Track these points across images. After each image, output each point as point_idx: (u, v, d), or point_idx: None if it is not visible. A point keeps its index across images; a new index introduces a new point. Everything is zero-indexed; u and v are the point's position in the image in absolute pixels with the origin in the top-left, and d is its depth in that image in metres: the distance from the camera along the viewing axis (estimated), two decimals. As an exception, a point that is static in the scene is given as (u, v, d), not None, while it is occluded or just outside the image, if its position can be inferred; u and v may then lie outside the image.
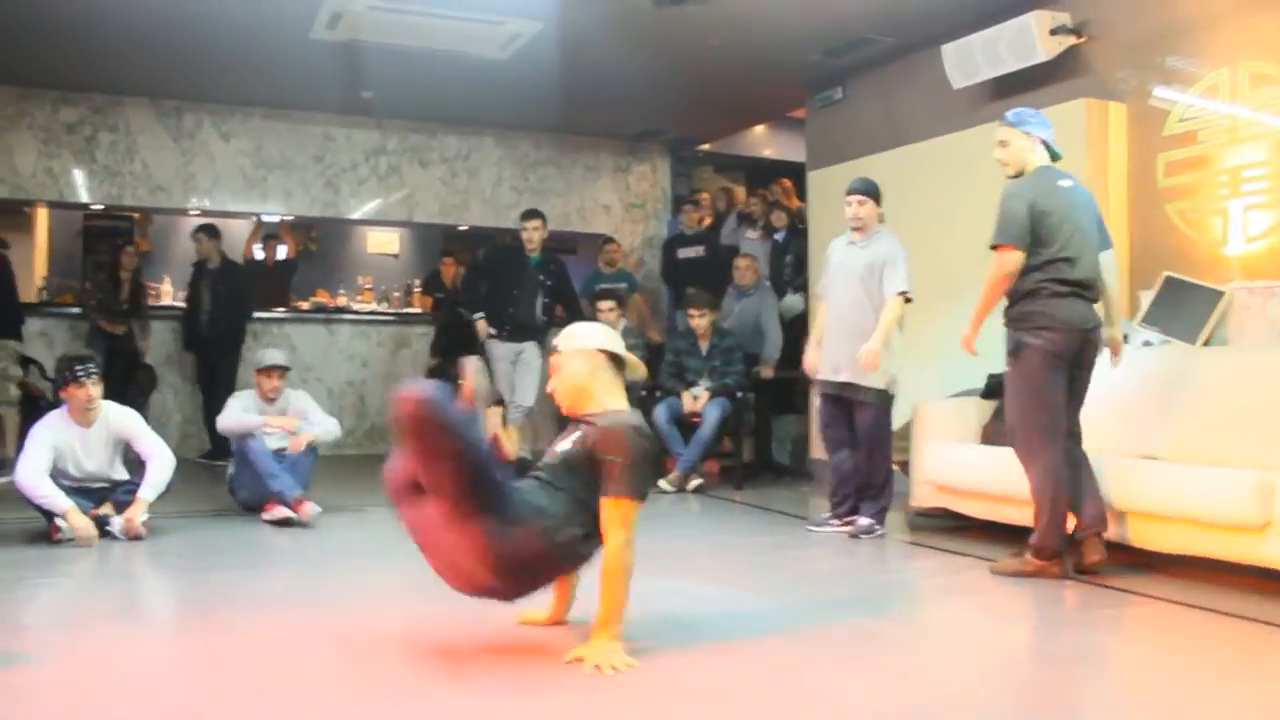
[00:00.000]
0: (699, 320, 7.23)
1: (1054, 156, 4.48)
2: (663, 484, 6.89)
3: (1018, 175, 4.45)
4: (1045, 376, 4.28)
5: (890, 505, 5.46)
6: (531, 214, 7.66)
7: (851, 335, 5.31)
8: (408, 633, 3.42)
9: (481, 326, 7.65)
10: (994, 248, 4.33)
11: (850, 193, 5.44)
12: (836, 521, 5.51)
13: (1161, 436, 4.70)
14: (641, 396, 7.38)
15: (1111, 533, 4.47)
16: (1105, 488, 4.44)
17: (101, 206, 9.18)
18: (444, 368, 9.18)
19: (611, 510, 3.01)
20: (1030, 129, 4.42)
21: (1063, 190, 4.38)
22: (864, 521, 5.36)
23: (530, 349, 7.62)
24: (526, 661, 3.06)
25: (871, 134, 7.55)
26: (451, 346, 9.05)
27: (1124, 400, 4.94)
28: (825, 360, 5.48)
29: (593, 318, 7.82)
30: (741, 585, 4.21)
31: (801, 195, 8.70)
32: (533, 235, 7.58)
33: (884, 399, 5.37)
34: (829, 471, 5.63)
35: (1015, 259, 4.26)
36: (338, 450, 7.45)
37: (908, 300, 5.28)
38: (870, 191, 5.42)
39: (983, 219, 5.92)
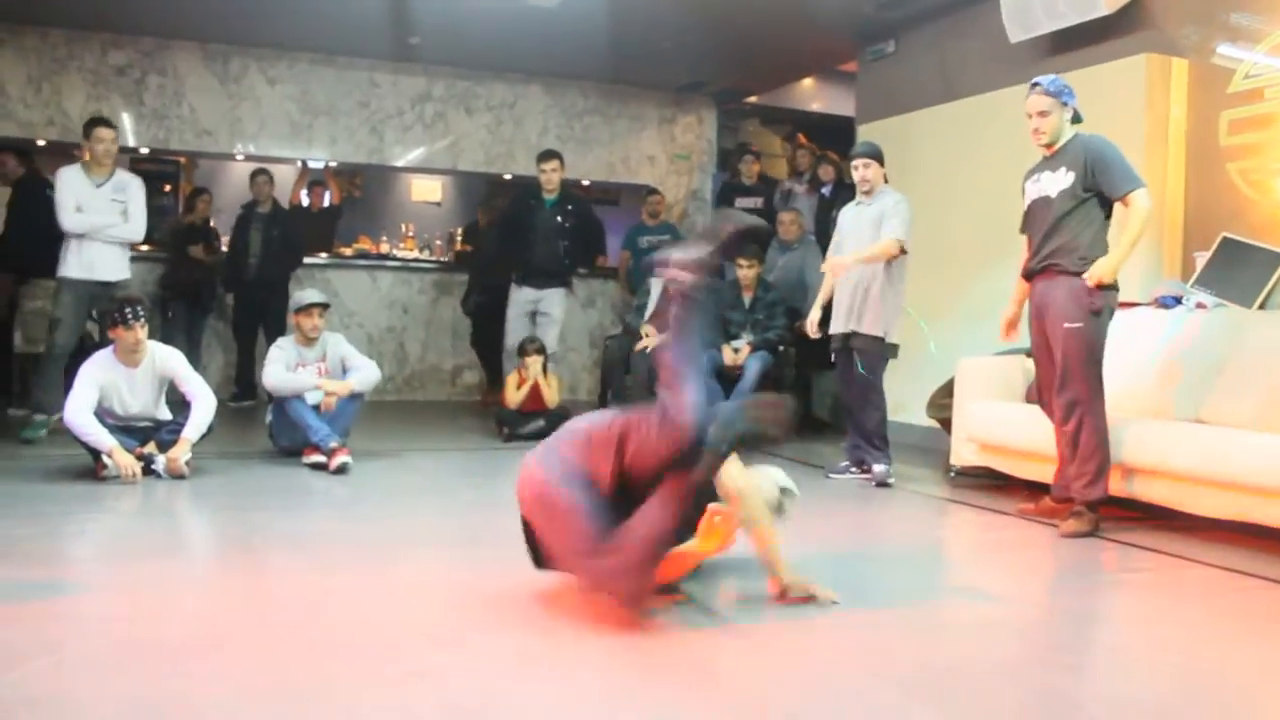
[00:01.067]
0: (746, 271, 7.18)
1: (1077, 120, 4.55)
2: (702, 437, 6.87)
3: (1050, 144, 4.50)
4: (1106, 339, 4.43)
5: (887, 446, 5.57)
6: (548, 155, 7.49)
7: (855, 287, 5.53)
8: (447, 575, 3.44)
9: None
10: (1129, 193, 4.34)
11: (855, 156, 5.66)
12: (856, 469, 5.68)
13: (1212, 401, 4.62)
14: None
15: (1156, 496, 4.45)
16: (1154, 450, 4.39)
17: (148, 150, 9.22)
18: (477, 323, 9.15)
19: None
20: (1066, 99, 4.46)
21: None
22: (879, 469, 5.50)
23: (551, 296, 7.47)
24: (559, 607, 3.06)
25: (923, 88, 7.41)
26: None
27: (1173, 364, 4.86)
28: (835, 312, 5.65)
29: (642, 270, 7.75)
30: (781, 537, 4.19)
31: (838, 147, 8.59)
32: (551, 177, 7.39)
33: (878, 346, 5.48)
34: (848, 420, 5.81)
35: None
36: (377, 396, 7.50)
37: (903, 251, 5.44)
38: (875, 154, 5.63)
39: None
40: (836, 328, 5.64)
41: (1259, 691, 2.65)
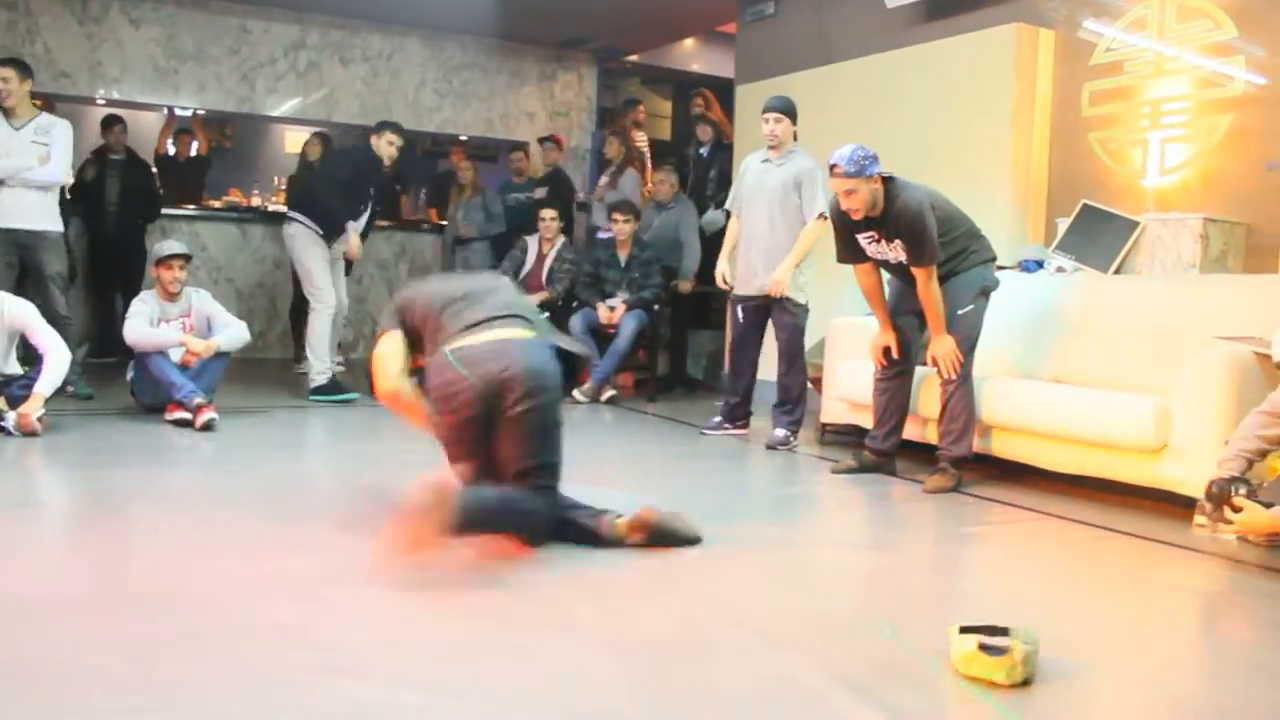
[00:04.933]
0: (622, 225, 7.17)
1: (887, 180, 4.50)
2: (576, 394, 6.87)
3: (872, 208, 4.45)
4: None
5: (804, 419, 5.54)
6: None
7: (767, 251, 5.47)
8: (313, 531, 3.38)
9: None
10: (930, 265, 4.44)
11: (767, 110, 5.50)
12: (730, 425, 5.70)
13: (1070, 361, 4.80)
14: (558, 306, 7.33)
15: (1013, 452, 4.62)
16: (1013, 409, 4.55)
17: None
18: None
19: None
20: (870, 170, 4.35)
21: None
22: (779, 433, 5.48)
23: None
24: (426, 565, 3.04)
25: (802, 50, 7.48)
26: None
27: (1035, 325, 5.02)
28: (741, 272, 5.59)
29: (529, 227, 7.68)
30: (651, 493, 4.23)
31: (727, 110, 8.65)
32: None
33: (801, 311, 5.49)
34: (730, 377, 5.81)
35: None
36: (248, 354, 7.29)
37: (824, 219, 5.37)
38: (787, 109, 5.49)
39: (907, 140, 5.95)
40: (746, 289, 5.57)
41: (1102, 630, 2.77)
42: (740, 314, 5.65)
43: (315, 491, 4.01)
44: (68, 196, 8.12)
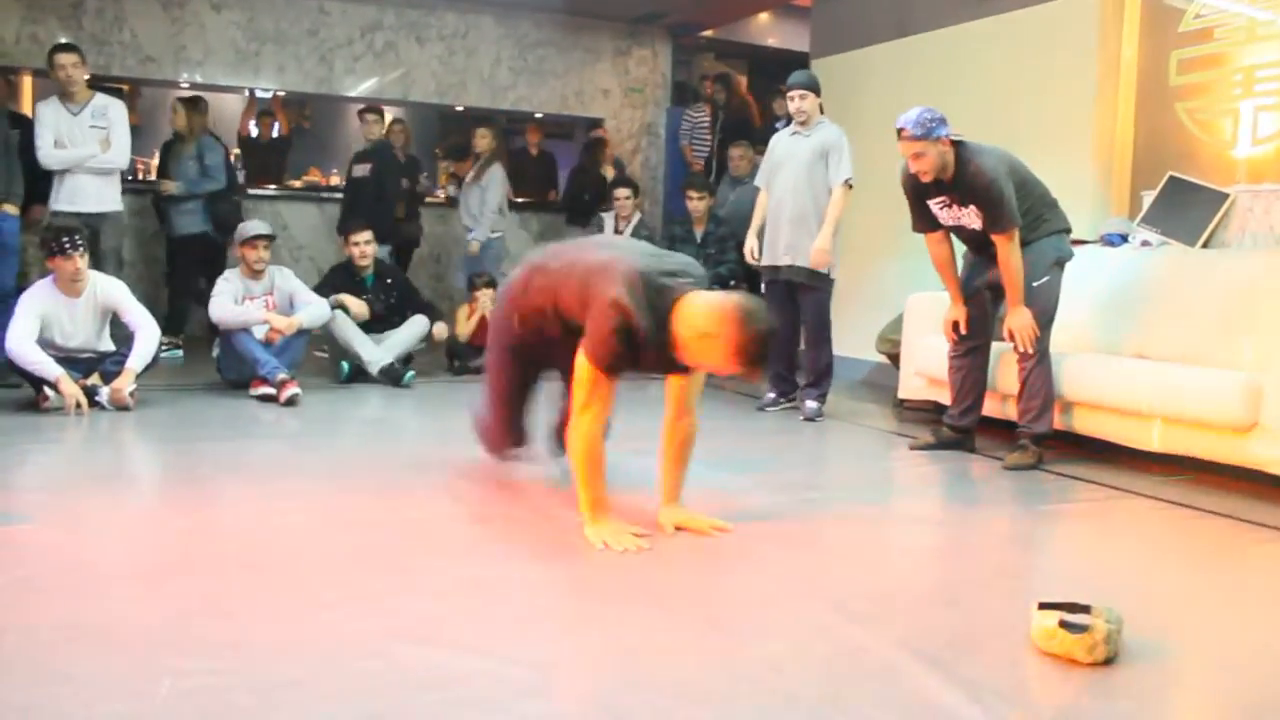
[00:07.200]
0: (697, 203, 7.17)
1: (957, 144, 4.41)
2: (653, 370, 6.89)
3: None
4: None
5: (830, 388, 5.64)
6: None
7: (794, 220, 5.50)
8: (392, 504, 3.43)
9: None
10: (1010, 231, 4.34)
11: (790, 88, 5.57)
12: (785, 401, 5.75)
13: (1154, 337, 4.69)
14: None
15: (1096, 429, 4.54)
16: (1096, 385, 4.47)
17: (88, 77, 8.95)
18: None
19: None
20: (938, 133, 4.27)
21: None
22: (811, 405, 5.55)
23: None
24: (503, 535, 3.08)
25: (878, 23, 7.36)
26: None
27: (1119, 300, 4.92)
28: (768, 245, 5.61)
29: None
30: (728, 467, 4.23)
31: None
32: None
33: (826, 283, 5.51)
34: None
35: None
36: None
37: (850, 187, 5.44)
38: (810, 85, 5.56)
39: (985, 112, 5.85)
40: (772, 259, 5.59)
41: (1189, 612, 2.72)
42: (766, 288, 5.67)
43: (396, 465, 4.08)
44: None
